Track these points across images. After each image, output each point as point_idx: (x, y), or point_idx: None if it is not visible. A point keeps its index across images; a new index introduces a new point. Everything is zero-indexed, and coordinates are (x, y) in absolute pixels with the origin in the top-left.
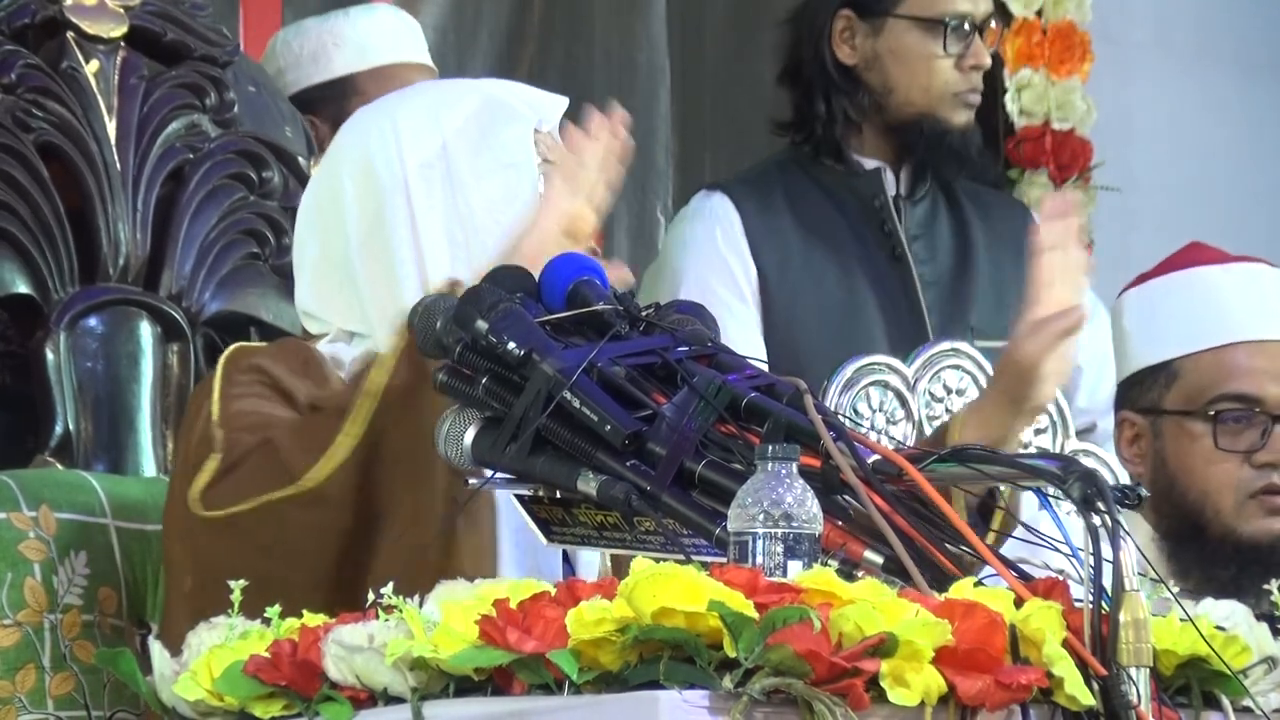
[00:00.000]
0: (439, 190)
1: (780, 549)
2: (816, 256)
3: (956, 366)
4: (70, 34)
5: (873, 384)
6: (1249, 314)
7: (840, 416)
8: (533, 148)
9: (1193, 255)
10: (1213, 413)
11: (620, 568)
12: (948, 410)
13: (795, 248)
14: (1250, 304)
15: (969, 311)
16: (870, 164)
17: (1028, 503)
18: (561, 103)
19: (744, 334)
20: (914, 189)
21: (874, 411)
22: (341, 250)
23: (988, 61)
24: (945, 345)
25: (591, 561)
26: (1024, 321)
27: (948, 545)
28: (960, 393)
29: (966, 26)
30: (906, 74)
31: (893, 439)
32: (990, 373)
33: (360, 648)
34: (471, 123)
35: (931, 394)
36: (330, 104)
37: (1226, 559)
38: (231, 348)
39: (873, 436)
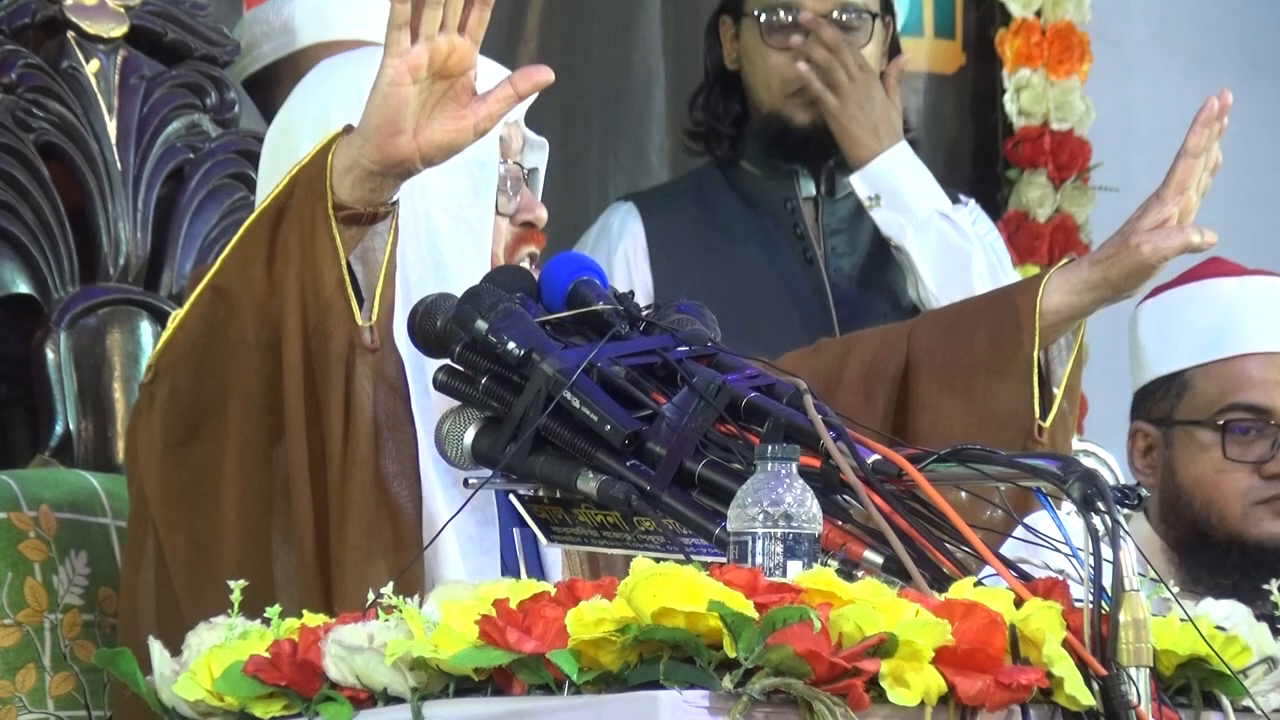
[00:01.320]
0: None
1: (780, 549)
2: (718, 264)
3: None
4: (70, 34)
5: None
6: (1262, 325)
7: (839, 416)
8: (497, 146)
9: (1209, 268)
10: (1222, 422)
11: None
12: None
13: (696, 257)
14: (1263, 316)
15: (873, 309)
16: (788, 165)
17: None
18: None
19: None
20: (836, 186)
21: None
22: None
23: (817, 54)
24: None
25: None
26: (1152, 217)
27: (948, 545)
28: None
29: (782, 16)
30: (753, 72)
31: (893, 438)
32: None
33: (360, 648)
34: None
35: None
36: (259, 92)
37: (1233, 565)
38: None
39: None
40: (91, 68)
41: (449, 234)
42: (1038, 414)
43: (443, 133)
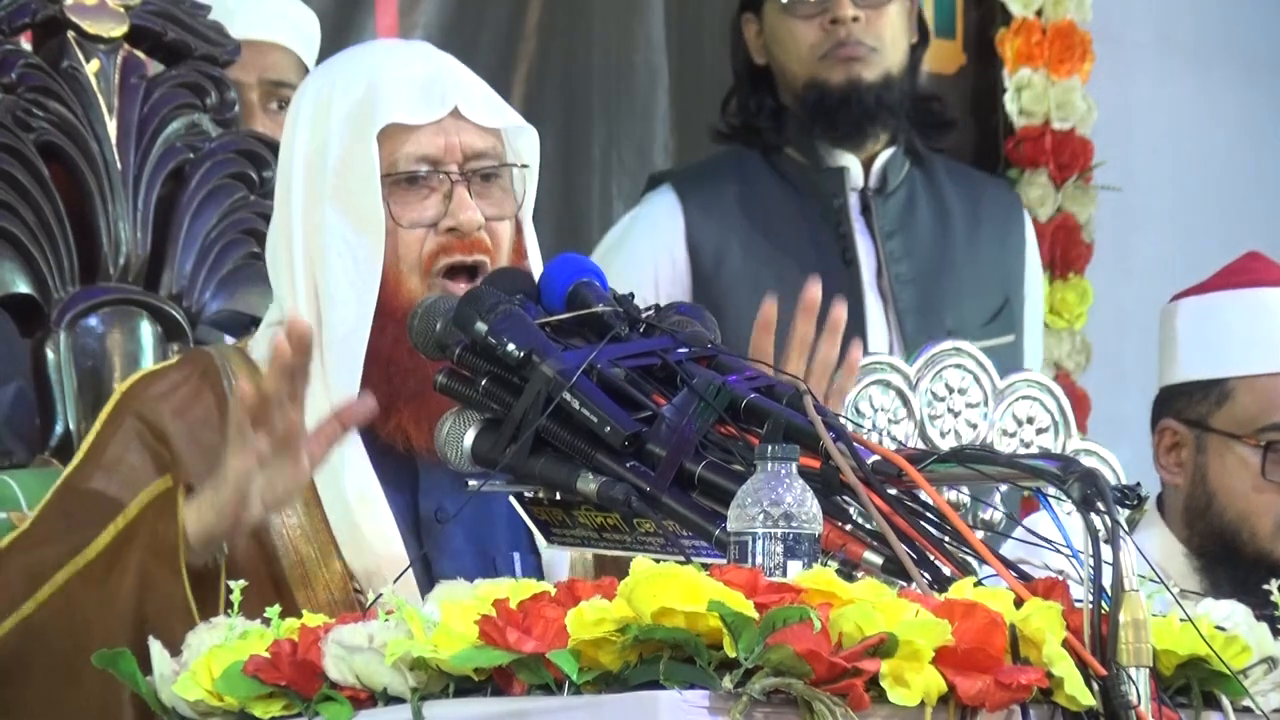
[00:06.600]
0: (315, 184)
1: (780, 549)
2: (757, 254)
3: (959, 366)
4: (71, 33)
5: (874, 383)
6: None
7: (840, 416)
8: (375, 158)
9: (1254, 271)
10: (1264, 442)
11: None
12: (950, 410)
13: (737, 243)
14: None
15: (945, 313)
16: (839, 161)
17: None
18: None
19: None
20: (886, 181)
21: (875, 411)
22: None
23: (847, 12)
24: (948, 345)
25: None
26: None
27: (948, 545)
28: (962, 391)
29: None
30: (782, 52)
31: (894, 439)
32: (993, 372)
33: (360, 648)
34: (348, 121)
35: (933, 393)
36: None
37: (1258, 581)
38: (131, 380)
39: (874, 436)
40: (91, 67)
41: (335, 259)
42: None
43: (284, 489)
